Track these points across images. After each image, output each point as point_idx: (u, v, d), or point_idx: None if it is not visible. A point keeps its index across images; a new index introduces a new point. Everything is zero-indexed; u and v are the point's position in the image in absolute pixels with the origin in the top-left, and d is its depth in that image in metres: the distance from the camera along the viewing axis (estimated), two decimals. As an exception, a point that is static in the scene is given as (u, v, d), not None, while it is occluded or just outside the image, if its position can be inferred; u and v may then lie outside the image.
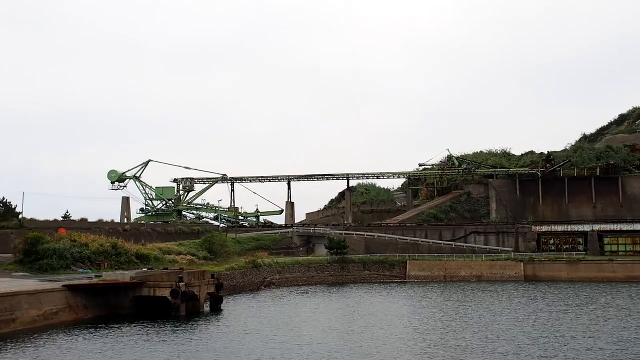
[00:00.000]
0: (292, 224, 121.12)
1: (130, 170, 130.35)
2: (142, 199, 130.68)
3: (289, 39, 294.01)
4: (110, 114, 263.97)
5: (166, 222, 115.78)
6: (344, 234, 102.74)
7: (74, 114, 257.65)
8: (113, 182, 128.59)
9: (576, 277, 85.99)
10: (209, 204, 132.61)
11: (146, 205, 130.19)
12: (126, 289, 52.09)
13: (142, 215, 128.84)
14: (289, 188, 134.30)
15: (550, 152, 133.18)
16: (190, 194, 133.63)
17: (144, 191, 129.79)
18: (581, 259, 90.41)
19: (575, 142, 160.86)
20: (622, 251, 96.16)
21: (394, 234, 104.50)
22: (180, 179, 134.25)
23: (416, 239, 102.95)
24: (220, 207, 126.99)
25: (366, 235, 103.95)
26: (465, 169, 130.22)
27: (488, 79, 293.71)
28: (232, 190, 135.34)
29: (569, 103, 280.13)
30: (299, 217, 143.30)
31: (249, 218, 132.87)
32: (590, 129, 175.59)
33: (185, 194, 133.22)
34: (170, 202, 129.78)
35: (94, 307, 50.62)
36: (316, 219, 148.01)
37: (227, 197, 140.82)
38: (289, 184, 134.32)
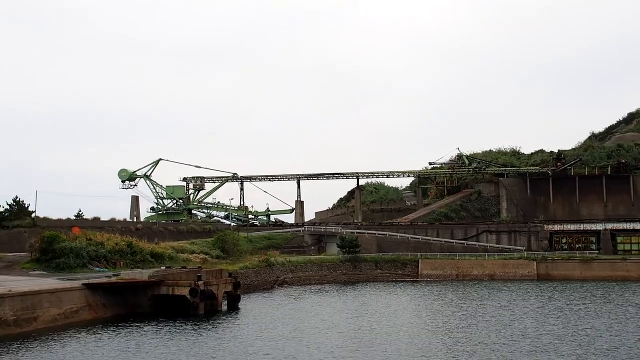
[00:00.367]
0: (303, 223, 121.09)
1: (140, 169, 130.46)
2: (152, 197, 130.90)
3: (289, 38, 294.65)
4: (111, 113, 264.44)
5: (177, 221, 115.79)
6: (356, 232, 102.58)
7: (74, 114, 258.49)
8: (124, 181, 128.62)
9: (589, 276, 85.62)
10: (219, 202, 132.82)
11: (157, 204, 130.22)
12: (145, 287, 52.05)
13: (153, 214, 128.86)
14: (298, 187, 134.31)
15: (560, 150, 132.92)
16: (201, 192, 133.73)
17: (154, 190, 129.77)
18: (594, 258, 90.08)
19: (585, 140, 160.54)
20: (636, 250, 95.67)
21: (405, 232, 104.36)
22: (189, 177, 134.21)
23: (428, 237, 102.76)
24: (230, 206, 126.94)
25: (378, 234, 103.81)
26: (475, 167, 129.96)
27: (490, 78, 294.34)
28: (242, 189, 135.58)
29: (572, 102, 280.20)
30: (308, 216, 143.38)
31: (259, 217, 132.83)
32: (597, 128, 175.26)
33: (196, 192, 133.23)
34: (181, 201, 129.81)
35: (112, 306, 50.61)
36: (326, 218, 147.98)
37: (238, 196, 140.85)
38: (298, 182, 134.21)
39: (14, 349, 35.13)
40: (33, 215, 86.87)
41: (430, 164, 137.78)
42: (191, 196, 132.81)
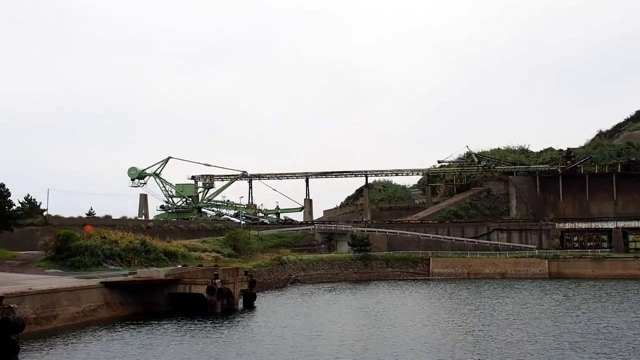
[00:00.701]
0: (312, 221, 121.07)
1: (150, 167, 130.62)
2: (162, 196, 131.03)
3: (289, 38, 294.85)
4: (111, 113, 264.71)
5: (186, 219, 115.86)
6: (367, 231, 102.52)
7: (74, 113, 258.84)
8: (133, 179, 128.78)
9: (601, 275, 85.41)
10: (229, 201, 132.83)
11: (167, 202, 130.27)
12: (162, 286, 51.97)
13: (163, 212, 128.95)
14: (307, 185, 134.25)
15: (570, 149, 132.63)
16: (210, 191, 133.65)
17: (164, 188, 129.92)
18: (606, 257, 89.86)
19: (593, 138, 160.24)
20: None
21: (416, 231, 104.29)
22: (198, 176, 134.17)
23: (439, 236, 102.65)
24: (240, 205, 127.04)
25: (388, 232, 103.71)
26: (485, 165, 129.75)
27: (490, 78, 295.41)
28: (250, 187, 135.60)
29: (572, 102, 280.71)
30: (316, 214, 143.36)
31: (269, 215, 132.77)
32: (598, 127, 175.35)
33: (205, 191, 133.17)
34: (190, 199, 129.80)
35: (130, 304, 50.58)
36: (334, 216, 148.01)
37: (246, 194, 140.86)
38: (307, 181, 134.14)
39: (37, 347, 35.09)
40: (45, 213, 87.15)
41: (439, 162, 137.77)
42: (200, 194, 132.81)
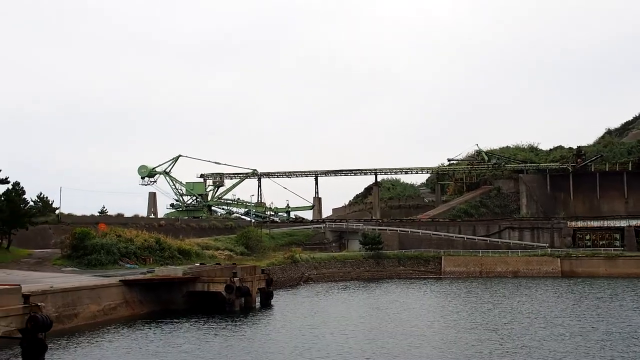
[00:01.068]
0: (323, 220, 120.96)
1: (160, 165, 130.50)
2: (172, 194, 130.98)
3: (288, 38, 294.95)
4: (111, 113, 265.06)
5: (197, 218, 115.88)
6: (378, 229, 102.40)
7: (74, 113, 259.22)
8: (143, 178, 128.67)
9: (614, 273, 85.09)
10: (239, 199, 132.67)
11: (177, 200, 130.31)
12: (180, 284, 52.02)
13: (173, 210, 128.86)
14: (316, 183, 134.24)
15: (580, 147, 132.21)
16: (221, 189, 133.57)
17: (174, 187, 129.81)
18: (619, 255, 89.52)
19: (602, 136, 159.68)
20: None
21: (427, 229, 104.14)
22: (208, 174, 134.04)
23: (450, 234, 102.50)
24: (250, 203, 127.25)
25: (400, 230, 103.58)
26: (495, 164, 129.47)
27: (490, 77, 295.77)
28: (259, 185, 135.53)
29: (572, 102, 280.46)
30: (325, 212, 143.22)
31: (280, 213, 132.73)
32: (612, 124, 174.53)
33: (216, 189, 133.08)
34: (200, 198, 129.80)
35: (148, 303, 50.66)
36: (343, 215, 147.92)
37: (256, 193, 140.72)
38: (316, 179, 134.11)
39: (62, 345, 35.16)
40: (57, 211, 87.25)
41: (449, 160, 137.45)
42: (210, 193, 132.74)
